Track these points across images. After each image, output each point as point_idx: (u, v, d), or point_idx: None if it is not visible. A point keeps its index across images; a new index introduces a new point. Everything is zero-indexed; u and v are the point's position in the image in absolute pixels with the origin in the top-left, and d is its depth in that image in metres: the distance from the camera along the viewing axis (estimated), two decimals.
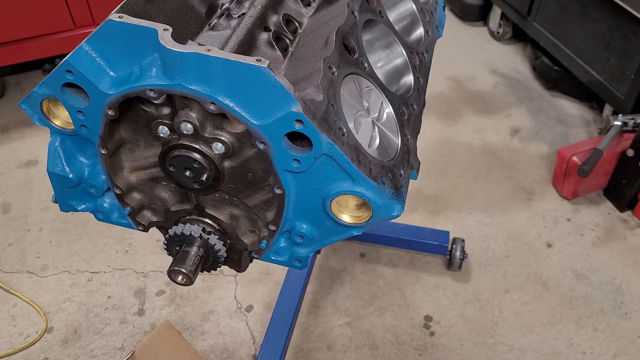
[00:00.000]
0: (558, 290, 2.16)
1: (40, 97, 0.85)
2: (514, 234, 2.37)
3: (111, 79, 0.79)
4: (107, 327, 2.03)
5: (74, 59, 0.77)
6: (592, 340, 2.00)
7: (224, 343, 1.99)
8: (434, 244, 2.17)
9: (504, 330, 2.03)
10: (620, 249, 2.31)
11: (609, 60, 2.58)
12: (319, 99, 0.78)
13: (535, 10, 3.00)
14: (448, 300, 2.12)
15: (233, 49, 0.86)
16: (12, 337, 2.00)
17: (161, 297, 2.12)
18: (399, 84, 1.08)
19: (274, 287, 2.15)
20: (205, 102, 0.75)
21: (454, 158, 2.74)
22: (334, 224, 0.88)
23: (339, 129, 0.79)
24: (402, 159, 0.92)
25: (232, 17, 0.95)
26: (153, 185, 0.97)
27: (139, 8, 0.85)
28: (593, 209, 2.48)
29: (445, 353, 1.96)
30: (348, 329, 2.03)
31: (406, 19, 1.21)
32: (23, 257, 2.26)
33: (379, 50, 1.09)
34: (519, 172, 2.66)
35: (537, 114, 3.01)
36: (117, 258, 2.27)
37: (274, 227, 0.92)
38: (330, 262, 2.26)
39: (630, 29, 2.43)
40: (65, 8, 2.72)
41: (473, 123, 2.95)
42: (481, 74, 3.31)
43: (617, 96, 2.54)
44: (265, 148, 0.78)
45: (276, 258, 0.98)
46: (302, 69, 0.88)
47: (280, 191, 0.84)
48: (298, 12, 1.05)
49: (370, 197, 0.81)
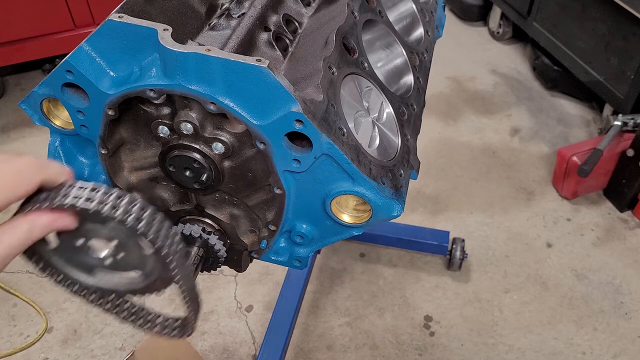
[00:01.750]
0: (558, 290, 2.16)
1: (40, 97, 0.85)
2: (514, 234, 2.37)
3: (111, 79, 0.79)
4: (107, 327, 2.03)
5: (74, 59, 0.77)
6: (592, 340, 2.00)
7: (224, 343, 1.99)
8: (434, 244, 2.17)
9: (504, 330, 2.03)
10: (620, 249, 2.31)
11: (609, 60, 2.58)
12: (319, 99, 0.78)
13: (535, 10, 3.00)
14: (448, 300, 2.12)
15: (233, 49, 0.86)
16: (12, 337, 2.00)
17: (161, 297, 2.12)
18: (399, 84, 1.08)
19: (274, 287, 2.15)
20: (205, 102, 0.75)
21: (454, 158, 2.74)
22: (334, 224, 0.88)
23: (339, 129, 0.79)
24: (402, 159, 0.92)
25: (232, 17, 0.95)
26: (153, 185, 0.97)
27: (139, 8, 0.85)
28: (593, 209, 2.48)
29: (445, 353, 1.96)
30: (348, 329, 2.03)
31: (406, 19, 1.21)
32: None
33: (379, 50, 1.09)
34: (519, 172, 2.66)
35: (537, 114, 3.01)
36: None
37: (274, 227, 0.92)
38: (330, 262, 2.26)
39: (630, 29, 2.43)
40: (65, 8, 2.71)
41: (473, 123, 2.95)
42: (481, 74, 3.31)
43: (617, 96, 2.54)
44: (265, 148, 0.78)
45: (276, 258, 0.98)
46: (302, 69, 0.88)
47: (280, 191, 0.84)
48: (298, 12, 1.05)
49: (370, 197, 0.81)
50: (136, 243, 0.66)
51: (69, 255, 0.71)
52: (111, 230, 0.66)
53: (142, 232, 0.62)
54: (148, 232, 0.62)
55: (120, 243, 0.68)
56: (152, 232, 0.63)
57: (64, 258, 0.72)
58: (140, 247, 0.67)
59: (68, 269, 0.72)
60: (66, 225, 0.63)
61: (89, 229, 0.66)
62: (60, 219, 0.62)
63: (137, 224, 0.62)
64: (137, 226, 0.62)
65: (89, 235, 0.68)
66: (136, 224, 0.62)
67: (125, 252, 0.69)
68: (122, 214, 0.61)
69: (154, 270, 0.70)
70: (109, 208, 0.61)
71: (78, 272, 0.73)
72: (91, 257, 0.71)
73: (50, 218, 0.61)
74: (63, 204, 0.60)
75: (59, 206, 0.61)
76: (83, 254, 0.70)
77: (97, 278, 0.73)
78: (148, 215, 0.63)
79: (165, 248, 0.64)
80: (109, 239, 0.67)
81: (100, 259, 0.70)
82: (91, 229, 0.66)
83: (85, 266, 0.72)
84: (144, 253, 0.68)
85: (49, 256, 0.70)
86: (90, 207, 0.60)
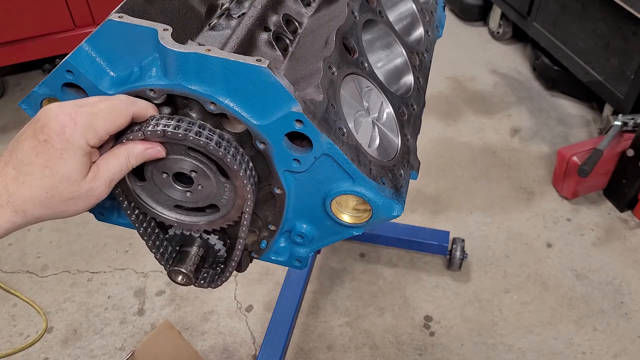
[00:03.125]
0: (558, 290, 2.16)
1: (40, 97, 0.84)
2: (514, 234, 2.37)
3: (111, 79, 0.79)
4: (107, 327, 2.03)
5: (74, 59, 0.77)
6: (592, 340, 2.00)
7: (224, 343, 1.99)
8: (434, 244, 2.18)
9: (504, 330, 2.03)
10: (620, 249, 2.31)
11: (609, 60, 2.58)
12: (319, 99, 0.78)
13: (535, 10, 3.00)
14: (448, 300, 2.12)
15: (233, 49, 0.86)
16: (12, 337, 2.00)
17: (161, 297, 2.12)
18: (399, 84, 1.08)
19: (274, 287, 2.15)
20: (205, 102, 0.75)
21: (454, 158, 2.74)
22: (334, 224, 0.88)
23: (339, 129, 0.79)
24: (402, 159, 0.92)
25: (232, 17, 0.95)
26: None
27: (139, 8, 0.85)
28: (593, 209, 2.48)
29: (445, 353, 1.96)
30: (348, 329, 2.03)
31: (406, 19, 1.21)
32: (23, 257, 2.27)
33: (379, 50, 1.09)
34: (519, 172, 2.66)
35: (537, 114, 3.01)
36: (117, 258, 2.27)
37: (274, 227, 0.91)
38: (330, 262, 2.26)
39: (630, 29, 2.43)
40: (65, 8, 2.72)
41: (473, 123, 2.95)
42: (481, 74, 3.31)
43: (617, 96, 2.54)
44: (265, 148, 0.78)
45: (276, 258, 0.98)
46: (302, 69, 0.88)
47: (280, 191, 0.84)
48: (298, 12, 1.05)
49: (370, 197, 0.81)
50: (216, 173, 0.76)
51: (154, 193, 0.82)
52: (193, 160, 0.75)
53: (222, 155, 0.73)
54: (227, 155, 0.73)
55: (200, 174, 0.77)
56: (229, 155, 0.73)
57: (149, 195, 0.82)
58: (219, 176, 0.77)
59: (150, 203, 0.83)
60: (157, 153, 0.73)
61: (174, 161, 0.76)
62: (152, 147, 0.72)
63: (217, 147, 0.72)
64: (219, 150, 0.72)
65: (174, 167, 0.77)
66: (217, 148, 0.72)
67: (205, 183, 0.78)
68: (205, 139, 0.71)
69: (229, 200, 0.80)
70: (193, 133, 0.71)
71: (161, 208, 0.84)
72: (174, 192, 0.81)
73: (144, 146, 0.72)
74: (155, 130, 0.70)
75: (152, 134, 0.70)
76: (168, 189, 0.81)
77: (178, 214, 0.84)
78: (226, 142, 0.74)
79: (240, 171, 0.75)
80: (190, 170, 0.77)
81: (182, 192, 0.80)
82: (176, 160, 0.76)
83: (167, 202, 0.83)
84: (221, 181, 0.78)
85: (138, 193, 0.82)
86: (179, 133, 0.70)
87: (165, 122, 0.72)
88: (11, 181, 0.66)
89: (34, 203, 0.67)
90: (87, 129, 0.66)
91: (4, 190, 0.66)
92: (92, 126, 0.67)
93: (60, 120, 0.66)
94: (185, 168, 0.77)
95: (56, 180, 0.66)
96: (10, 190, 0.66)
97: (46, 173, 0.66)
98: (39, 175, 0.66)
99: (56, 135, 0.65)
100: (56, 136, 0.65)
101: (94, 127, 0.67)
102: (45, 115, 0.67)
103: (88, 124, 0.67)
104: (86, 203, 0.70)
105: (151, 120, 0.73)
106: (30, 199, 0.67)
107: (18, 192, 0.66)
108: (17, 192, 0.66)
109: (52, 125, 0.66)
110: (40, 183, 0.66)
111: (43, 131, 0.66)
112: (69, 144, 0.66)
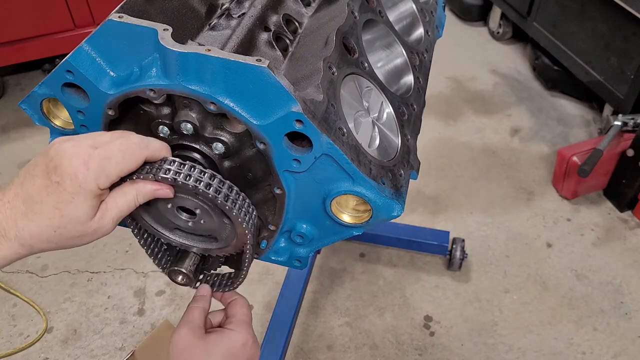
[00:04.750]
0: (558, 290, 2.16)
1: (40, 97, 0.84)
2: (514, 234, 2.37)
3: (111, 79, 0.78)
4: (107, 327, 2.03)
5: (74, 59, 0.77)
6: (592, 340, 2.00)
7: None
8: (433, 244, 2.18)
9: (504, 330, 2.03)
10: (620, 249, 2.31)
11: (609, 60, 2.58)
12: (319, 99, 0.78)
13: (535, 10, 3.00)
14: (448, 300, 2.12)
15: (233, 49, 0.86)
16: (12, 337, 2.00)
17: (161, 297, 2.12)
18: (399, 84, 1.08)
19: (274, 287, 2.15)
20: (205, 102, 0.75)
21: (454, 158, 2.74)
22: (334, 224, 0.88)
23: (339, 129, 0.79)
24: (402, 159, 0.92)
25: (232, 17, 0.95)
26: None
27: (139, 8, 0.85)
28: (593, 209, 2.48)
29: (445, 353, 1.96)
30: (348, 329, 2.03)
31: (406, 19, 1.21)
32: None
33: (379, 50, 1.09)
34: (519, 172, 2.66)
35: (537, 114, 3.01)
36: (117, 258, 2.27)
37: (274, 227, 0.91)
38: (330, 262, 2.26)
39: (630, 29, 2.43)
40: (65, 8, 2.71)
41: (473, 123, 2.95)
42: (481, 74, 3.31)
43: (617, 96, 2.54)
44: (265, 148, 0.78)
45: (276, 258, 0.98)
46: (302, 69, 0.88)
47: (280, 191, 0.84)
48: (298, 12, 1.05)
49: (370, 197, 0.81)
50: (219, 214, 0.80)
51: (157, 215, 0.86)
52: (199, 201, 0.79)
53: (228, 209, 0.76)
54: (233, 209, 0.76)
55: (204, 212, 0.80)
56: (235, 209, 0.76)
57: (151, 216, 0.86)
58: (222, 218, 0.80)
59: (151, 222, 0.86)
60: (166, 195, 0.75)
61: (180, 197, 0.79)
62: (162, 189, 0.75)
63: (225, 201, 0.75)
64: (225, 204, 0.75)
65: (179, 202, 0.80)
66: (224, 202, 0.75)
67: (207, 219, 0.82)
68: (214, 192, 0.74)
69: (229, 237, 0.84)
70: (203, 185, 0.74)
71: (162, 228, 0.87)
72: (176, 219, 0.84)
73: (154, 187, 0.74)
74: (166, 177, 0.72)
75: (162, 179, 0.73)
76: (170, 215, 0.84)
77: (176, 236, 0.88)
78: (234, 194, 0.77)
79: (244, 223, 0.78)
80: (194, 208, 0.80)
81: (184, 220, 0.84)
82: (182, 198, 0.79)
83: (169, 225, 0.87)
84: (224, 222, 0.81)
85: (140, 213, 0.85)
86: (189, 184, 0.73)
87: (176, 169, 0.73)
88: (20, 216, 0.68)
89: (41, 239, 0.69)
90: (99, 174, 0.67)
91: (13, 224, 0.68)
92: (105, 171, 0.68)
93: (74, 164, 0.66)
94: (190, 205, 0.80)
95: (65, 222, 0.68)
96: (19, 225, 0.68)
97: (56, 214, 0.67)
98: (48, 215, 0.67)
99: (69, 179, 0.66)
100: (69, 180, 0.66)
101: (106, 172, 0.68)
102: (58, 155, 0.67)
103: (101, 169, 0.67)
104: (92, 238, 0.73)
105: (163, 164, 0.73)
106: (38, 235, 0.68)
107: (27, 229, 0.68)
108: (26, 228, 0.68)
109: (65, 168, 0.66)
110: (49, 223, 0.68)
111: (56, 172, 0.67)
112: (80, 189, 0.67)
